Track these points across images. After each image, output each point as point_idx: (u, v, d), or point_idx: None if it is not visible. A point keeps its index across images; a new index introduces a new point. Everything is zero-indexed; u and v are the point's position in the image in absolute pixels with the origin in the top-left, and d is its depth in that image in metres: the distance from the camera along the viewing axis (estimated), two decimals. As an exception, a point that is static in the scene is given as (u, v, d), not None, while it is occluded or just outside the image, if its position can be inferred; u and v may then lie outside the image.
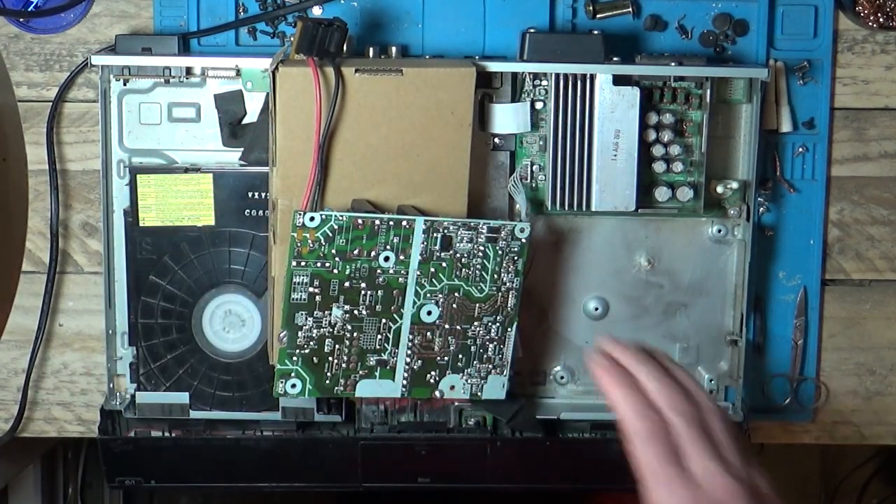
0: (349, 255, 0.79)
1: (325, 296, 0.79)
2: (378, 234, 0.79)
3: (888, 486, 1.87)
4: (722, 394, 0.97)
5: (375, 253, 0.79)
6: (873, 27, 0.96)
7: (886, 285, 1.01)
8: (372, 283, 0.80)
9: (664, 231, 0.95)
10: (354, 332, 0.81)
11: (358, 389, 0.82)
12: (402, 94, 0.84)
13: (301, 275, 0.79)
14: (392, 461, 0.96)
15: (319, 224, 0.78)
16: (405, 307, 0.80)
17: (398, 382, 0.82)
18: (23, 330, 0.99)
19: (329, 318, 0.80)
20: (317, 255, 0.78)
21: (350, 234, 0.79)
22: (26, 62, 0.97)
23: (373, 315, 0.80)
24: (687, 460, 0.72)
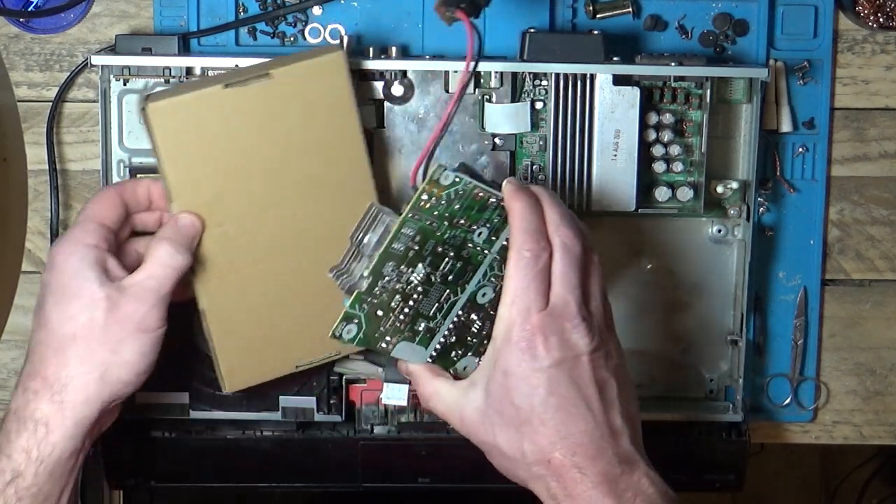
0: (456, 221, 0.78)
1: (417, 253, 0.78)
2: (486, 210, 0.78)
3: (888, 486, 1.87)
4: (722, 394, 0.97)
5: (476, 227, 0.79)
6: (873, 27, 0.96)
7: (886, 285, 1.01)
8: (459, 254, 0.79)
9: (664, 231, 0.95)
10: (421, 296, 0.79)
11: (396, 350, 0.81)
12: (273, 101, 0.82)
13: (410, 227, 0.77)
14: (392, 461, 0.96)
15: (450, 184, 0.77)
16: (469, 284, 0.80)
17: (429, 351, 0.81)
18: (23, 330, 0.99)
19: (409, 275, 0.79)
20: (431, 212, 0.77)
21: (466, 203, 0.78)
22: (26, 62, 0.97)
23: (443, 284, 0.79)
24: (552, 291, 0.76)
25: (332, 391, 0.94)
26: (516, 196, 0.77)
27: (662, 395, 0.97)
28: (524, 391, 0.75)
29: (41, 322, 0.80)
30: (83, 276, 0.79)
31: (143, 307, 0.79)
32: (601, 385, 0.76)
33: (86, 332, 0.78)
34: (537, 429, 0.75)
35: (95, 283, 0.78)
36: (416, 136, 0.92)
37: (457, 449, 0.95)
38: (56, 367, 0.78)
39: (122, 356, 0.79)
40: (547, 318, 0.75)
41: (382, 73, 0.91)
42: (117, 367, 0.79)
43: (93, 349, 0.78)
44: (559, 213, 0.77)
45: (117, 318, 0.78)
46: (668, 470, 0.97)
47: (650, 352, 0.97)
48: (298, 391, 0.93)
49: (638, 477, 0.75)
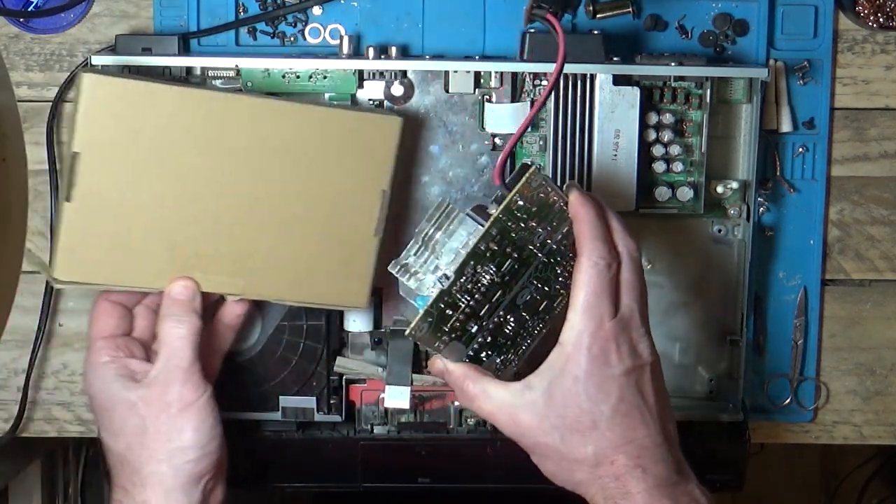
0: (528, 223, 0.78)
1: (493, 253, 0.77)
2: (551, 213, 0.78)
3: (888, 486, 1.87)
4: (722, 394, 0.97)
5: (540, 230, 0.78)
6: (873, 27, 0.96)
7: (886, 285, 1.01)
8: (520, 255, 0.78)
9: (664, 231, 0.95)
10: (482, 297, 0.78)
11: (446, 349, 0.79)
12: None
13: (496, 227, 0.77)
14: (392, 461, 0.96)
15: (537, 187, 0.77)
16: (516, 286, 0.79)
17: (468, 350, 0.80)
18: (23, 330, 0.99)
19: (482, 276, 0.78)
20: (514, 213, 0.77)
21: (538, 205, 0.77)
22: (26, 62, 0.97)
23: (500, 284, 0.78)
24: (621, 299, 0.78)
25: (332, 391, 0.94)
26: (584, 203, 0.77)
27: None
28: (595, 397, 0.76)
29: (106, 450, 0.84)
30: (111, 392, 0.83)
31: (176, 387, 0.82)
32: (659, 395, 0.78)
33: (137, 438, 0.82)
34: (604, 433, 0.76)
35: (123, 391, 0.82)
36: (416, 136, 0.92)
37: (457, 449, 0.95)
38: (129, 474, 0.82)
39: (179, 441, 0.82)
40: (618, 326, 0.76)
41: (382, 73, 0.91)
42: (180, 452, 0.82)
43: (151, 448, 0.82)
44: (621, 222, 0.79)
45: (158, 409, 0.82)
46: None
47: (650, 352, 0.97)
48: (298, 391, 0.93)
49: (692, 487, 0.78)
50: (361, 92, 0.92)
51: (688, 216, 0.94)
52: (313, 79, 0.91)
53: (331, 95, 0.91)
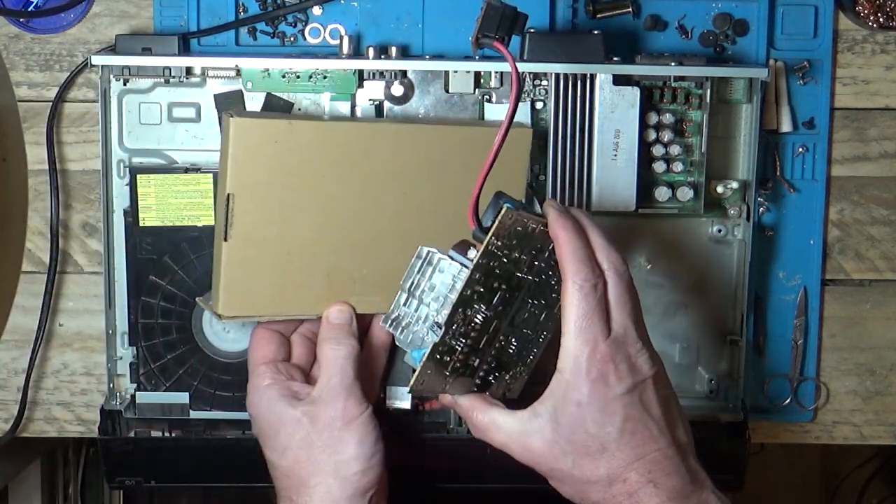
0: (511, 255, 0.77)
1: (480, 294, 0.77)
2: (533, 238, 0.77)
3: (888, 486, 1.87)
4: (722, 394, 0.97)
5: (525, 256, 0.77)
6: (873, 27, 0.96)
7: (886, 285, 1.01)
8: (509, 284, 0.77)
9: (664, 231, 0.95)
10: (476, 333, 0.78)
11: (451, 387, 0.79)
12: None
13: (478, 272, 0.76)
14: (392, 461, 0.95)
15: (512, 222, 0.76)
16: (511, 309, 0.78)
17: (474, 380, 0.80)
18: (23, 330, 0.99)
19: (474, 316, 0.77)
20: (496, 252, 0.76)
21: (517, 235, 0.77)
22: (26, 62, 0.97)
23: (494, 316, 0.78)
24: (612, 318, 0.77)
25: (332, 391, 0.94)
26: (562, 225, 0.76)
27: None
28: (600, 420, 0.75)
29: (271, 466, 0.86)
30: (275, 411, 0.84)
31: (339, 403, 0.84)
32: (664, 404, 0.77)
33: (303, 452, 0.83)
34: (614, 454, 0.76)
35: (288, 407, 0.84)
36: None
37: (457, 449, 0.95)
38: (297, 487, 0.83)
39: (345, 453, 0.83)
40: (613, 346, 0.76)
41: (382, 73, 0.91)
42: (346, 464, 0.83)
43: (317, 461, 0.83)
44: (604, 237, 0.78)
45: (323, 425, 0.83)
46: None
47: (650, 352, 0.97)
48: (298, 391, 0.93)
49: (707, 495, 0.77)
50: (361, 92, 0.92)
51: (688, 216, 0.94)
52: (313, 79, 0.91)
53: (332, 95, 0.91)
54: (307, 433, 0.83)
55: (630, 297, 0.77)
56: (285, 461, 0.84)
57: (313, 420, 0.83)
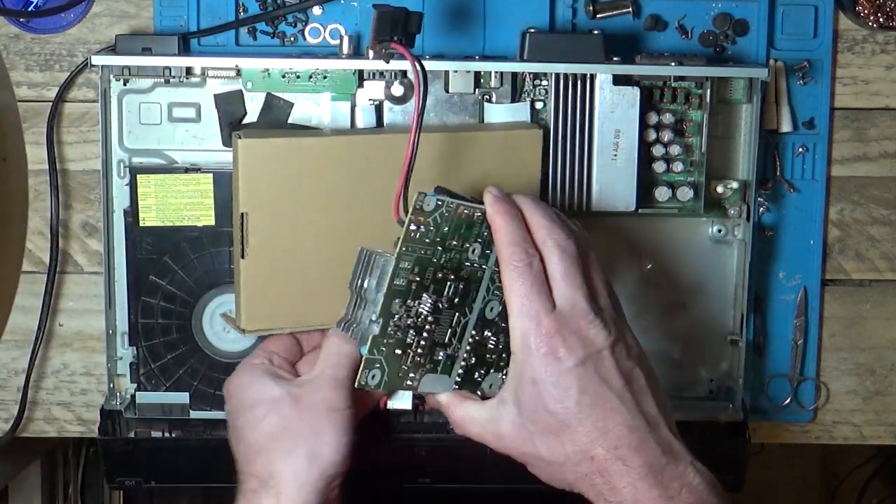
0: (448, 243, 0.78)
1: (420, 284, 0.78)
2: (473, 226, 0.78)
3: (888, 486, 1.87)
4: (722, 394, 0.97)
5: (468, 244, 0.78)
6: (873, 27, 0.96)
7: (886, 285, 1.01)
8: (458, 274, 0.78)
9: (664, 231, 0.95)
10: (433, 325, 0.79)
11: (422, 384, 0.81)
12: None
13: (407, 260, 0.77)
14: (392, 461, 0.96)
15: (433, 209, 0.77)
16: (476, 302, 0.79)
17: (452, 378, 0.81)
18: (23, 330, 0.99)
19: (418, 307, 0.78)
20: (424, 240, 0.77)
21: (454, 223, 0.78)
22: (26, 62, 0.97)
23: (450, 308, 0.79)
24: (555, 292, 0.76)
25: (332, 391, 0.93)
26: (495, 210, 0.77)
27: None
28: (556, 395, 0.75)
29: (238, 439, 0.84)
30: (259, 384, 0.84)
31: (325, 391, 0.83)
32: (627, 376, 0.76)
33: (280, 428, 0.82)
34: (576, 429, 0.75)
35: (272, 384, 0.83)
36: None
37: (457, 449, 0.95)
38: (264, 463, 0.82)
39: (322, 436, 0.82)
40: (560, 319, 0.75)
41: (382, 73, 0.91)
42: (320, 447, 0.82)
43: (293, 439, 0.82)
44: (545, 215, 0.78)
45: (305, 406, 0.82)
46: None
47: (650, 352, 0.96)
48: (298, 391, 0.93)
49: (684, 467, 0.75)
50: (361, 92, 0.92)
51: (688, 216, 0.94)
52: (313, 79, 0.91)
53: (332, 95, 0.91)
54: (287, 412, 0.82)
55: (578, 270, 0.76)
56: (257, 435, 0.82)
57: (296, 400, 0.82)
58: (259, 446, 0.82)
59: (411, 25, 0.82)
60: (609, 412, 0.75)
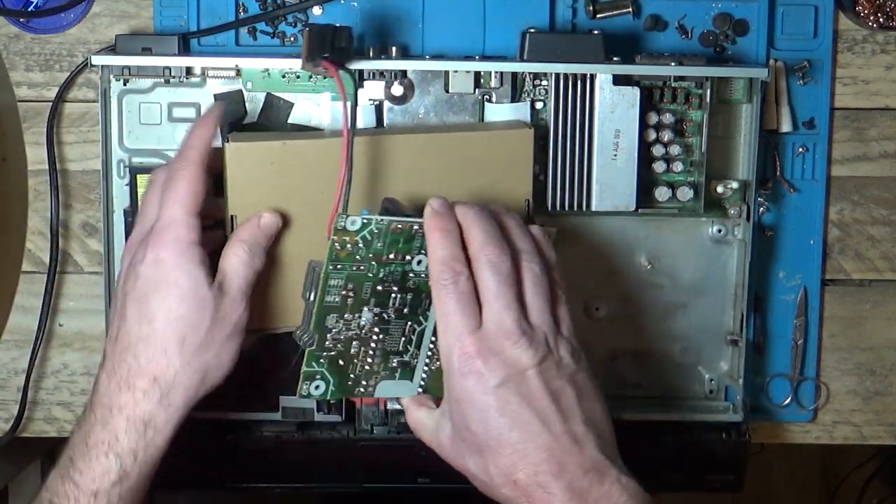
0: (384, 258, 0.79)
1: (357, 299, 0.79)
2: (414, 239, 0.79)
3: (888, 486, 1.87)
4: (722, 394, 0.97)
5: (410, 257, 0.79)
6: (873, 27, 0.96)
7: (886, 285, 1.01)
8: (403, 286, 0.80)
9: (664, 231, 0.95)
10: (381, 335, 0.81)
11: (378, 390, 0.82)
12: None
13: (336, 278, 0.78)
14: (392, 461, 0.96)
15: (360, 227, 0.78)
16: (431, 310, 0.80)
17: (416, 383, 0.82)
18: (23, 330, 0.99)
19: (359, 320, 0.80)
20: (353, 258, 0.78)
21: (388, 238, 0.78)
22: (26, 62, 0.97)
23: (400, 318, 0.80)
24: (484, 310, 0.75)
25: (332, 391, 0.94)
26: (431, 225, 0.77)
27: (662, 395, 0.97)
28: (476, 416, 0.74)
29: (145, 317, 0.79)
30: (193, 276, 0.79)
31: (240, 308, 0.81)
32: (555, 396, 0.75)
33: (193, 335, 0.79)
34: (497, 451, 0.74)
35: (205, 284, 0.79)
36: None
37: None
38: (164, 367, 0.78)
39: (221, 359, 0.80)
40: (482, 339, 0.75)
41: (382, 73, 0.91)
42: (215, 371, 0.80)
43: (200, 353, 0.79)
44: (483, 230, 0.77)
45: (220, 319, 0.80)
46: (668, 470, 0.97)
47: (650, 352, 0.97)
48: (298, 391, 0.93)
49: (609, 485, 0.74)
50: (361, 92, 0.92)
51: (688, 216, 0.94)
52: (313, 79, 0.91)
53: (332, 95, 0.91)
54: (206, 322, 0.78)
55: (508, 288, 0.75)
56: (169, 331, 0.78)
57: (216, 310, 0.79)
58: (168, 343, 0.78)
59: (340, 40, 0.82)
60: (529, 435, 0.74)
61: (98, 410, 0.79)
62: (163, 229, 0.79)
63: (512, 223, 0.80)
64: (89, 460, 0.78)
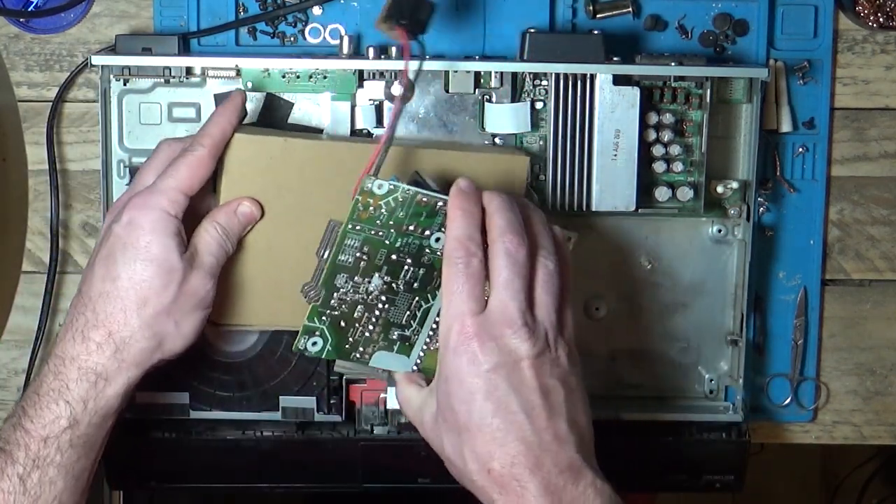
0: (404, 228, 0.79)
1: (370, 263, 0.79)
2: (437, 215, 0.79)
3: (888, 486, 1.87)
4: (722, 394, 0.97)
5: (429, 232, 0.79)
6: (873, 27, 0.96)
7: (886, 285, 1.01)
8: (417, 260, 0.80)
9: (664, 231, 0.95)
10: (387, 304, 0.81)
11: (374, 359, 0.82)
12: None
13: (353, 238, 0.79)
14: (392, 462, 0.96)
15: (386, 192, 0.78)
16: (440, 290, 0.80)
17: (412, 359, 0.82)
18: (23, 330, 0.99)
19: (368, 285, 0.80)
20: (374, 222, 0.78)
21: (411, 209, 0.78)
22: (26, 62, 0.97)
23: (408, 291, 0.80)
24: (491, 295, 0.76)
25: (333, 391, 0.94)
26: (454, 203, 0.77)
27: (662, 395, 0.97)
28: (462, 396, 0.74)
29: (109, 275, 0.79)
30: (164, 244, 0.79)
31: (208, 284, 0.81)
32: (545, 391, 0.75)
33: (157, 300, 0.79)
34: (475, 435, 0.74)
35: (175, 252, 0.80)
36: (416, 136, 0.92)
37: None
38: (122, 324, 0.79)
39: (181, 329, 0.81)
40: (483, 323, 0.75)
41: (382, 73, 0.91)
42: (173, 340, 0.81)
43: (160, 318, 0.80)
44: (506, 219, 0.77)
45: (186, 291, 0.80)
46: (668, 470, 0.97)
47: (650, 352, 0.97)
48: (298, 391, 0.93)
49: (584, 487, 0.74)
50: (361, 92, 0.92)
51: (688, 216, 0.94)
52: (313, 79, 0.91)
53: (332, 95, 0.91)
54: (172, 290, 0.79)
55: (520, 278, 0.75)
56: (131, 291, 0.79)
57: (184, 281, 0.80)
58: (128, 302, 0.79)
59: (421, 13, 0.83)
60: (510, 424, 0.74)
61: (51, 361, 0.80)
62: (148, 195, 0.80)
63: (536, 218, 0.80)
64: (40, 408, 0.79)
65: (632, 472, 0.96)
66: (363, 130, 0.92)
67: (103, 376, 0.79)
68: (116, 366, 0.79)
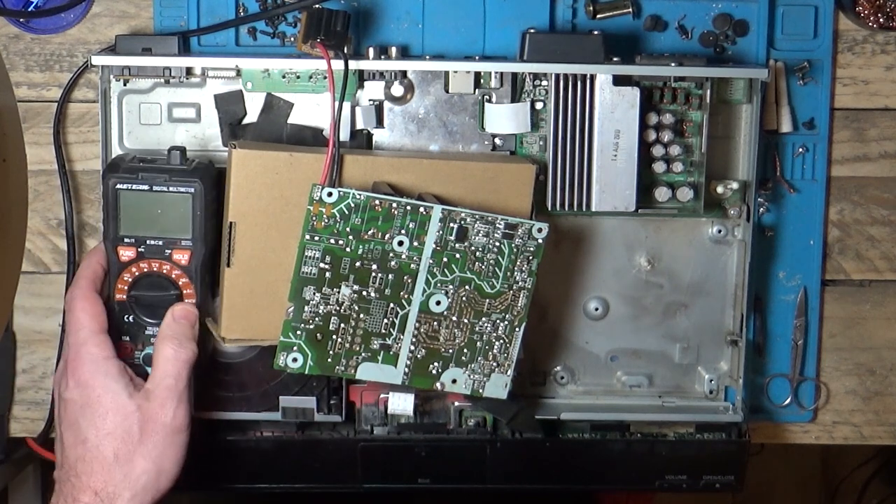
0: (363, 234, 0.80)
1: (335, 273, 0.80)
2: (394, 218, 0.79)
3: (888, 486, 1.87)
4: (722, 394, 0.97)
5: (390, 236, 0.80)
6: (873, 27, 0.96)
7: (886, 285, 1.01)
8: (384, 265, 0.80)
9: (664, 231, 0.95)
10: (361, 314, 0.81)
11: (359, 371, 0.83)
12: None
13: (313, 249, 0.79)
14: (392, 462, 0.96)
15: (336, 200, 0.79)
16: (414, 294, 0.80)
17: (400, 370, 0.82)
18: (23, 330, 0.99)
19: (337, 295, 0.81)
20: (331, 230, 0.79)
21: (366, 215, 0.79)
22: (26, 62, 0.97)
23: (381, 298, 0.81)
24: None
25: (333, 391, 0.94)
26: None
27: (662, 396, 0.97)
28: None
29: (79, 439, 0.83)
30: (111, 391, 0.83)
31: (171, 406, 0.83)
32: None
33: (126, 449, 0.82)
34: None
35: (124, 394, 0.83)
36: (416, 137, 0.92)
37: (457, 450, 0.95)
38: (104, 482, 0.82)
39: (162, 465, 0.83)
40: None
41: (382, 73, 0.91)
42: (157, 477, 0.83)
43: (135, 464, 0.82)
44: None
45: (151, 424, 0.83)
46: (668, 470, 0.97)
47: (650, 352, 0.97)
48: (298, 391, 0.93)
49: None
50: (361, 92, 0.92)
51: (688, 216, 0.94)
52: (313, 79, 0.91)
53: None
54: (135, 432, 0.83)
55: None
56: (102, 448, 0.82)
57: (145, 417, 0.83)
58: (102, 459, 0.82)
59: (336, 24, 0.84)
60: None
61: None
62: (76, 355, 0.85)
63: None
64: None
65: (632, 472, 0.96)
66: (363, 131, 0.92)
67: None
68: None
